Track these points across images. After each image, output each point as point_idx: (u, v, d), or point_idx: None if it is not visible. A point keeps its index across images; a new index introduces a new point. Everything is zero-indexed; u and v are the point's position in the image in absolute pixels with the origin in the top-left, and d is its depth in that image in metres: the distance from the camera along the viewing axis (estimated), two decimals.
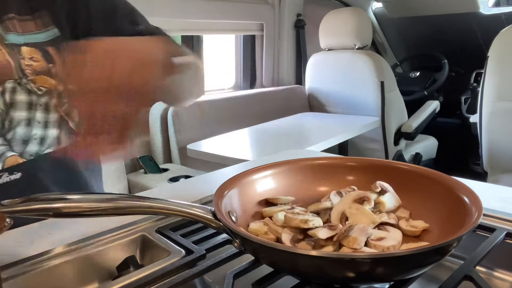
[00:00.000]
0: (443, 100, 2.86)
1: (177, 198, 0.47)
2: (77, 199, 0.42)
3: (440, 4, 2.78)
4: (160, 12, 2.06)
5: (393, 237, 0.44)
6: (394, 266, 0.36)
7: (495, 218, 0.53)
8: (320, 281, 0.39)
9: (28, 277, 0.45)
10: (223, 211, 0.45)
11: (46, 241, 0.52)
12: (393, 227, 0.46)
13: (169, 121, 2.13)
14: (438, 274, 0.48)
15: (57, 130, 0.65)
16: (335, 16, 2.48)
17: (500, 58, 1.77)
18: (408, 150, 2.60)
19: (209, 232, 0.52)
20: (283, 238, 0.44)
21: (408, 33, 3.23)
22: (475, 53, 2.73)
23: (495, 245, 0.46)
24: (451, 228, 0.42)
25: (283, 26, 2.76)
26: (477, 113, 1.89)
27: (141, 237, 0.53)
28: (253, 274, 0.43)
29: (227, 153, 1.65)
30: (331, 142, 1.84)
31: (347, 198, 0.49)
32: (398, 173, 0.55)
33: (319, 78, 2.61)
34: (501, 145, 1.82)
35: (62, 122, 0.65)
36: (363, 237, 0.41)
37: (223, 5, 2.40)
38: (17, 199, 0.40)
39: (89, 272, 0.49)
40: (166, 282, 0.42)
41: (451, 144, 2.86)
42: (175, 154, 2.16)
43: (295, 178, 0.57)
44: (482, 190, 0.47)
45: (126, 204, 0.43)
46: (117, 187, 1.91)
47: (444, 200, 0.48)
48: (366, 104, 2.39)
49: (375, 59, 2.35)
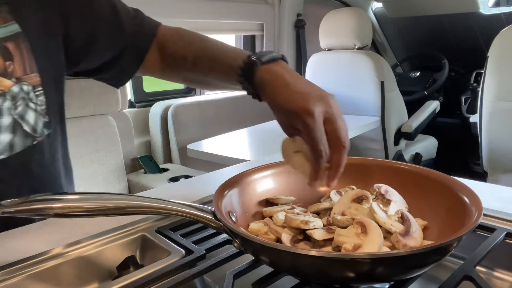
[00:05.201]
0: (443, 100, 2.86)
1: (177, 198, 0.47)
2: (77, 199, 0.42)
3: (440, 4, 2.78)
4: (160, 12, 2.06)
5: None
6: (394, 266, 0.36)
7: (495, 218, 0.53)
8: (320, 281, 0.39)
9: (28, 277, 0.45)
10: (223, 211, 0.45)
11: (46, 241, 0.51)
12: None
13: (169, 121, 2.13)
14: (438, 274, 0.48)
15: (10, 134, 0.60)
16: (335, 16, 2.48)
17: (500, 58, 1.77)
18: (408, 150, 2.60)
19: (209, 232, 0.52)
20: (283, 238, 0.44)
21: (408, 33, 3.23)
22: (475, 53, 2.73)
23: (495, 245, 0.46)
24: (451, 228, 0.42)
25: (283, 26, 2.76)
26: (477, 113, 1.89)
27: (141, 237, 0.53)
28: (253, 274, 0.43)
29: (227, 153, 1.65)
30: None
31: (346, 198, 0.49)
32: (398, 173, 0.55)
33: (319, 78, 2.60)
34: (501, 145, 1.82)
35: (16, 125, 0.60)
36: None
37: (223, 5, 2.40)
38: (17, 199, 0.40)
39: (89, 272, 0.49)
40: (166, 282, 0.42)
41: (451, 144, 2.86)
42: (175, 154, 2.17)
43: (295, 178, 0.57)
44: (482, 190, 0.47)
45: (126, 204, 0.43)
46: (117, 187, 1.91)
47: (444, 200, 0.48)
48: (366, 104, 2.39)
49: (375, 59, 2.35)
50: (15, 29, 0.60)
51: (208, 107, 2.27)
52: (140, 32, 0.71)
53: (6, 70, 0.59)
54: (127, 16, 0.71)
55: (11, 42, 0.59)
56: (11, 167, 0.61)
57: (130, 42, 0.71)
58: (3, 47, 0.59)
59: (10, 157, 0.60)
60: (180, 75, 0.74)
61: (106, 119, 1.88)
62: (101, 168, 1.85)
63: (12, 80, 0.59)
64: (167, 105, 2.16)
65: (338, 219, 0.45)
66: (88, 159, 1.81)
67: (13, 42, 0.59)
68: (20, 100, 0.60)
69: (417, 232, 0.43)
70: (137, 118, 2.20)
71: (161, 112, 2.15)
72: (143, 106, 2.27)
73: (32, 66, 0.62)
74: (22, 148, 0.61)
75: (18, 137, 0.61)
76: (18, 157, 0.61)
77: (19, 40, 0.60)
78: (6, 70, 0.59)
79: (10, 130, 0.60)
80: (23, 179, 0.63)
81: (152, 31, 0.72)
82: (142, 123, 2.24)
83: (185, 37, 0.72)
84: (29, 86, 0.61)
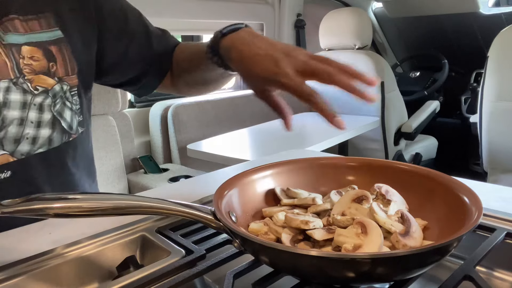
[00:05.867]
0: (443, 100, 2.87)
1: (177, 198, 0.47)
2: (77, 199, 0.42)
3: (440, 4, 2.78)
4: (161, 12, 2.06)
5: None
6: (394, 266, 0.36)
7: (495, 218, 0.53)
8: (320, 281, 0.39)
9: (28, 277, 0.45)
10: (223, 211, 0.45)
11: (46, 241, 0.51)
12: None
13: (169, 121, 2.13)
14: (438, 274, 0.48)
15: (50, 130, 0.64)
16: (335, 16, 2.48)
17: (500, 58, 1.77)
18: (408, 150, 2.60)
19: (209, 232, 0.52)
20: (283, 238, 0.44)
21: (408, 33, 3.23)
22: (475, 53, 2.73)
23: (495, 245, 0.46)
24: (451, 228, 0.42)
25: (283, 26, 2.76)
26: (477, 113, 1.89)
27: (141, 237, 0.53)
28: (253, 274, 0.43)
29: (227, 153, 1.65)
30: (331, 142, 1.84)
31: (346, 198, 0.49)
32: (398, 173, 0.55)
33: None
34: (501, 145, 1.82)
35: (55, 122, 0.65)
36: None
37: (223, 5, 2.40)
38: (17, 199, 0.40)
39: (89, 272, 0.49)
40: (166, 282, 0.42)
41: (451, 144, 2.87)
42: (175, 154, 2.16)
43: (295, 178, 0.57)
44: (482, 190, 0.47)
45: (126, 204, 0.43)
46: (117, 187, 1.91)
47: (444, 200, 0.48)
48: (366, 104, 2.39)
49: (375, 59, 2.35)
50: (58, 35, 0.65)
51: (208, 107, 2.27)
52: (165, 52, 0.77)
53: (50, 70, 0.64)
54: (156, 36, 0.77)
55: (54, 45, 0.64)
56: (49, 161, 0.65)
57: (156, 61, 0.77)
58: (47, 49, 0.63)
59: (49, 151, 0.65)
60: (181, 80, 0.79)
61: (106, 119, 1.88)
62: (101, 168, 1.84)
63: (55, 80, 0.64)
64: (167, 105, 2.16)
65: (338, 219, 0.45)
66: None
67: (56, 46, 0.64)
68: (58, 98, 0.65)
69: (417, 232, 0.43)
70: (137, 118, 2.20)
71: (161, 112, 2.15)
72: (143, 106, 2.27)
73: (73, 68, 0.67)
74: (59, 143, 0.66)
75: (57, 133, 0.65)
76: (56, 151, 0.66)
77: (61, 45, 0.65)
78: (49, 70, 0.64)
79: (50, 126, 0.64)
80: (58, 172, 0.68)
81: (172, 49, 0.78)
82: (142, 123, 2.24)
83: (181, 47, 0.78)
84: (68, 86, 0.66)
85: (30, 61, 0.62)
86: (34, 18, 0.63)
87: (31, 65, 0.62)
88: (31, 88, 0.62)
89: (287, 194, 0.55)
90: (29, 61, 0.61)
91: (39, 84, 0.63)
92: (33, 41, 0.62)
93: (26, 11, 0.62)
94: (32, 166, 0.63)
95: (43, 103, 0.63)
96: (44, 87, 0.63)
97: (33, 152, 0.63)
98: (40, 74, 0.63)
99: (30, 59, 0.62)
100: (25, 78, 0.61)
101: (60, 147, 0.66)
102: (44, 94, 0.63)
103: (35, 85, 0.62)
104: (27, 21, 0.62)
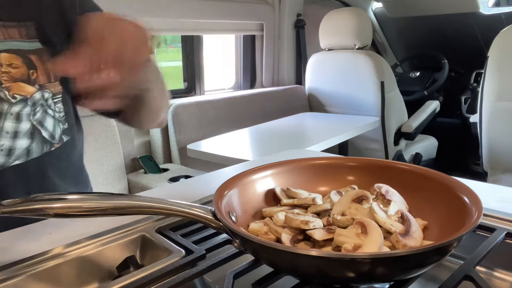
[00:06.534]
0: (443, 100, 2.87)
1: (177, 198, 0.47)
2: (77, 199, 0.42)
3: (440, 4, 2.78)
4: (161, 12, 2.06)
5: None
6: (394, 266, 0.36)
7: (495, 218, 0.53)
8: (320, 281, 0.39)
9: (28, 277, 0.45)
10: (223, 211, 0.45)
11: (46, 241, 0.52)
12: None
13: (169, 121, 2.13)
14: (438, 274, 0.48)
15: (28, 140, 0.61)
16: (335, 16, 2.48)
17: (500, 58, 1.77)
18: (408, 150, 2.60)
19: (209, 232, 0.52)
20: (283, 238, 0.44)
21: (408, 33, 3.23)
22: (475, 53, 2.73)
23: (495, 245, 0.46)
24: (451, 228, 0.42)
25: (283, 26, 2.76)
26: (477, 113, 1.89)
27: (141, 237, 0.53)
28: (253, 274, 0.43)
29: (227, 153, 1.65)
30: (331, 142, 1.84)
31: (346, 198, 0.49)
32: (398, 173, 0.55)
33: (319, 78, 2.60)
34: (501, 145, 1.82)
35: (34, 131, 0.62)
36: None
37: (223, 5, 2.40)
38: (17, 199, 0.40)
39: (89, 272, 0.49)
40: (166, 282, 0.42)
41: (451, 144, 2.87)
42: (175, 154, 2.16)
43: (295, 178, 0.57)
44: (482, 190, 0.47)
45: (126, 204, 0.43)
46: (117, 187, 1.91)
47: (444, 200, 0.48)
48: (366, 104, 2.39)
49: (375, 59, 2.35)
50: (38, 46, 0.63)
51: (208, 107, 2.27)
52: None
53: (30, 78, 0.61)
54: None
55: (34, 55, 0.62)
56: (27, 172, 0.62)
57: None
58: (27, 57, 0.61)
59: (27, 162, 0.62)
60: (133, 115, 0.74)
61: (106, 119, 1.88)
62: (101, 168, 1.84)
63: (35, 87, 0.62)
64: None
65: (338, 219, 0.45)
66: (88, 159, 1.80)
67: (37, 55, 0.62)
68: (39, 106, 0.62)
69: (417, 232, 0.43)
70: None
71: None
72: None
73: (56, 75, 0.64)
74: (39, 154, 0.63)
75: (36, 143, 0.62)
76: (35, 162, 0.63)
77: (42, 54, 0.63)
78: (29, 77, 0.61)
79: (28, 136, 0.61)
80: (39, 184, 0.64)
81: None
82: None
83: None
84: (50, 93, 0.63)
85: (8, 68, 0.59)
86: (14, 26, 0.60)
87: (9, 72, 0.59)
88: (8, 97, 0.59)
89: (287, 194, 0.55)
90: (7, 68, 0.59)
91: (18, 92, 0.60)
92: (13, 49, 0.59)
93: (8, 18, 0.60)
94: (7, 178, 0.60)
95: (21, 112, 0.60)
96: (23, 95, 0.60)
97: (9, 164, 0.60)
98: (18, 82, 0.60)
99: (9, 67, 0.59)
100: (2, 86, 0.58)
101: (41, 157, 0.63)
102: (22, 102, 0.60)
103: (13, 93, 0.59)
104: (6, 28, 0.59)
